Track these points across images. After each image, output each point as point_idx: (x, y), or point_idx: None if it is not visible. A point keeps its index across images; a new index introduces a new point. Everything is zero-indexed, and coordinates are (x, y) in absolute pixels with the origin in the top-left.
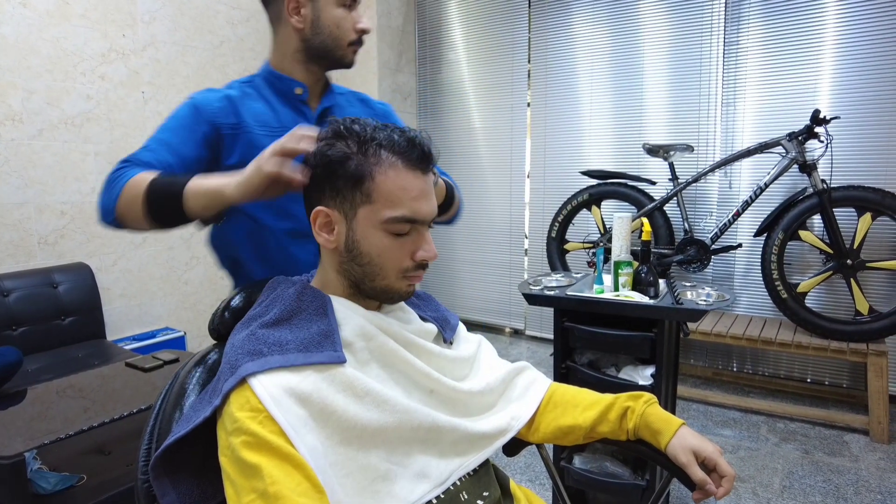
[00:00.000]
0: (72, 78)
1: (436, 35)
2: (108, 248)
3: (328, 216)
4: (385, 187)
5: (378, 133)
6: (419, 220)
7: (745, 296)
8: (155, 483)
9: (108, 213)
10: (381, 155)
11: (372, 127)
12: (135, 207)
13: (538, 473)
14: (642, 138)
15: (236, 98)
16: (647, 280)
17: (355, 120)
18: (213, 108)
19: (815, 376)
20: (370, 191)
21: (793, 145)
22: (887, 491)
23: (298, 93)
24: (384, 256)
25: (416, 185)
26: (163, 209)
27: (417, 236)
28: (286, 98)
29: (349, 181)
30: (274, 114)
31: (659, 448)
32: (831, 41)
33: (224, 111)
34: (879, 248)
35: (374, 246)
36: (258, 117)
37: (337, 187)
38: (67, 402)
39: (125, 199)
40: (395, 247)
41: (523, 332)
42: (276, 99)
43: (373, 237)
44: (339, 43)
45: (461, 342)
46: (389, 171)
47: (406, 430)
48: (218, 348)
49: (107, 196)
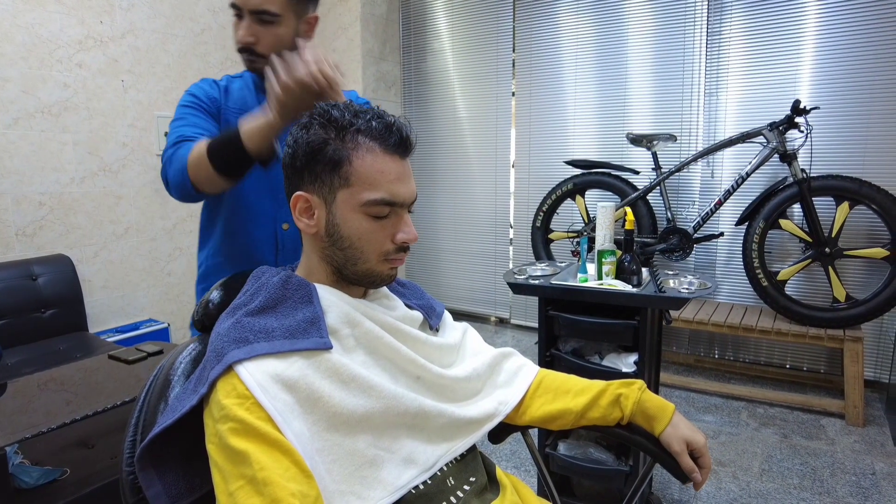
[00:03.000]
0: (48, 66)
1: (420, 23)
2: (89, 240)
3: (308, 201)
4: (363, 171)
5: (356, 119)
6: (398, 202)
7: (726, 284)
8: (140, 475)
9: (184, 179)
10: (359, 140)
11: (351, 112)
12: (203, 165)
13: (523, 460)
14: (626, 128)
15: (224, 85)
16: (631, 269)
17: (334, 105)
18: (208, 92)
19: (794, 362)
20: (348, 174)
21: (774, 135)
22: (861, 472)
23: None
24: (364, 239)
25: (393, 169)
26: (228, 158)
27: (397, 219)
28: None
29: (327, 165)
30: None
31: (652, 433)
32: (812, 33)
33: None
34: (856, 236)
35: (354, 229)
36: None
37: (315, 172)
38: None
39: (193, 163)
40: (376, 230)
41: (508, 320)
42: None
43: (353, 220)
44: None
45: (447, 329)
46: (367, 156)
47: (393, 416)
48: (202, 340)
49: (175, 167)
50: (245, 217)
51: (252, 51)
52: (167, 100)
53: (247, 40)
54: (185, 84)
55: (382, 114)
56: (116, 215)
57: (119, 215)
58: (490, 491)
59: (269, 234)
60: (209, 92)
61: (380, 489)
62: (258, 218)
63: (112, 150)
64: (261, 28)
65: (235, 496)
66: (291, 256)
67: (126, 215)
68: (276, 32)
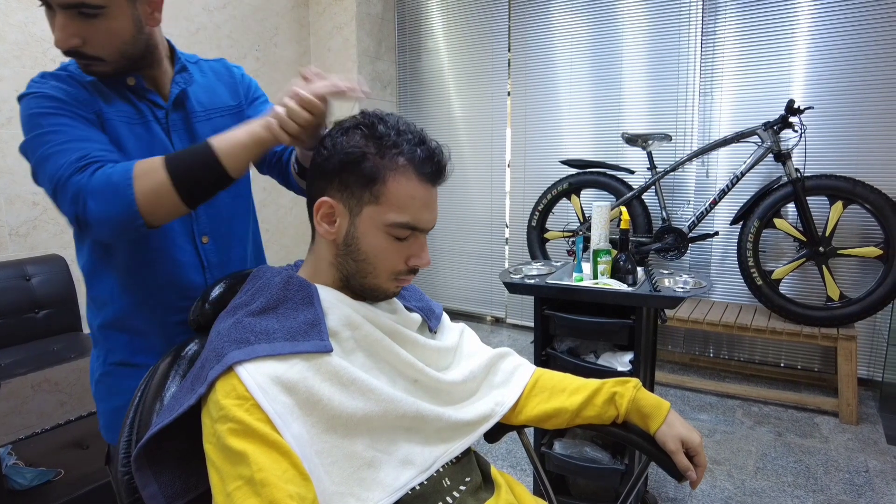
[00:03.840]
0: (41, 64)
1: (415, 23)
2: None
3: (332, 207)
4: (395, 193)
5: (400, 139)
6: (420, 227)
7: (721, 283)
8: (136, 475)
9: (129, 215)
10: (399, 161)
11: (396, 130)
12: (164, 193)
13: (519, 459)
14: (621, 128)
15: (87, 81)
16: (626, 268)
17: (381, 118)
18: (70, 92)
19: (789, 361)
20: (380, 193)
21: (768, 135)
22: (854, 470)
23: (130, 83)
24: (380, 257)
25: (423, 196)
26: (203, 183)
27: (415, 242)
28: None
29: (361, 179)
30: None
31: (647, 432)
32: (806, 33)
33: (84, 95)
34: (850, 235)
35: (372, 245)
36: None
37: (347, 182)
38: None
39: (146, 192)
40: (393, 249)
41: (504, 320)
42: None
43: (373, 237)
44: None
45: (445, 331)
46: (402, 179)
47: (391, 419)
48: (198, 339)
49: (116, 196)
50: (157, 239)
51: (82, 53)
52: None
53: (72, 43)
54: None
55: (426, 139)
56: None
57: None
58: (485, 490)
59: (190, 252)
60: (69, 91)
61: (378, 490)
62: (173, 237)
63: None
64: (84, 24)
65: (233, 496)
66: (219, 272)
67: None
68: (106, 28)
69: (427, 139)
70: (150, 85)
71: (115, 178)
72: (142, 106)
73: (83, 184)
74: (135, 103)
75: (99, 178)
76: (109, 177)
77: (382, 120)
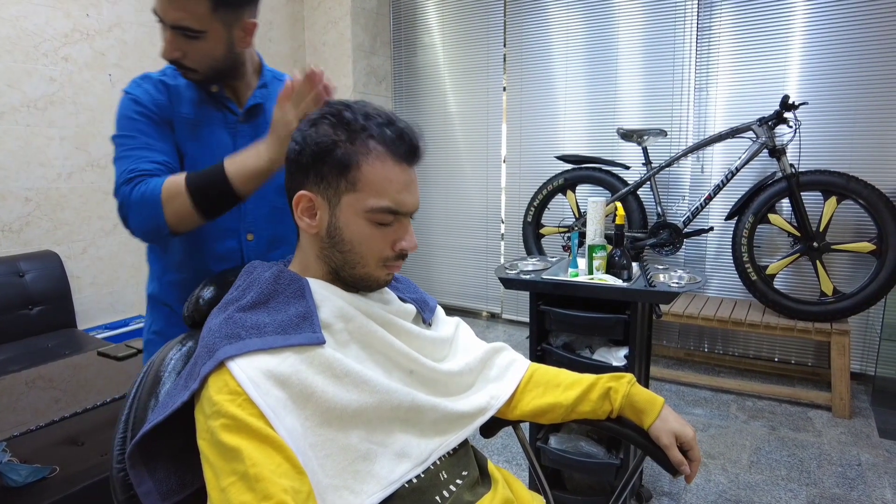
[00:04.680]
0: (33, 59)
1: (411, 17)
2: (77, 236)
3: (311, 201)
4: (371, 177)
5: (368, 122)
6: (402, 211)
7: (716, 278)
8: (131, 472)
9: (162, 227)
10: (370, 145)
11: (363, 114)
12: (185, 211)
13: (515, 454)
14: (616, 123)
15: (171, 84)
16: (621, 263)
17: (347, 105)
18: (153, 96)
19: (783, 355)
20: (356, 179)
21: (763, 130)
22: (847, 463)
23: (213, 90)
24: (365, 245)
25: (401, 178)
26: (214, 202)
27: (399, 227)
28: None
29: (335, 168)
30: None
31: (641, 427)
32: (800, 29)
33: (163, 98)
34: (844, 230)
35: (355, 234)
36: (194, 109)
37: (322, 173)
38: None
39: (172, 209)
40: (377, 236)
41: (500, 315)
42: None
43: (355, 225)
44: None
45: (440, 324)
46: (376, 162)
47: (386, 410)
48: (193, 335)
49: (149, 214)
50: (204, 232)
51: (181, 64)
52: None
53: (173, 55)
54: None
55: (394, 119)
56: (105, 211)
57: (107, 211)
58: (482, 485)
59: (234, 248)
60: (155, 96)
61: (373, 483)
62: (219, 232)
63: (100, 146)
64: (186, 42)
65: (227, 492)
66: None
67: (114, 211)
68: (202, 48)
69: (396, 120)
70: (230, 94)
71: (149, 199)
72: (217, 112)
73: (126, 196)
74: (212, 109)
75: (136, 196)
76: (144, 196)
77: (349, 107)
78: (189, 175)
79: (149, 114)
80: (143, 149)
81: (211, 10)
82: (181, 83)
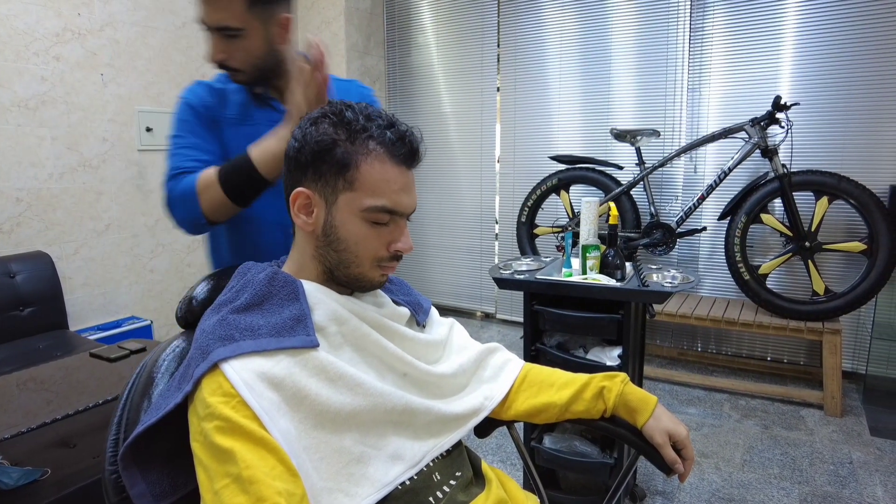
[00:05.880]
0: (24, 58)
1: (405, 18)
2: (69, 237)
3: (308, 198)
4: (369, 177)
5: (370, 123)
6: (399, 211)
7: (709, 278)
8: (124, 474)
9: (199, 218)
10: (370, 146)
11: (364, 115)
12: (218, 200)
13: (509, 454)
14: (610, 123)
15: (220, 89)
16: (615, 263)
17: (349, 105)
18: (203, 99)
19: (775, 355)
20: (354, 179)
21: (755, 131)
22: (839, 461)
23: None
24: (361, 245)
25: (399, 179)
26: (244, 187)
27: (395, 228)
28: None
29: (334, 167)
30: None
31: (635, 426)
32: (793, 30)
33: (212, 102)
34: (835, 230)
35: (351, 233)
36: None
37: (321, 171)
38: (29, 394)
39: (206, 199)
40: (373, 236)
41: (494, 315)
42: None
43: (351, 224)
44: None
45: (434, 326)
46: (375, 163)
47: (380, 413)
48: (186, 336)
49: (188, 206)
50: (250, 223)
51: (227, 66)
52: (148, 94)
53: (218, 58)
54: (166, 78)
55: (395, 121)
56: (97, 211)
57: (99, 211)
58: (476, 485)
59: (278, 241)
60: (205, 99)
61: (367, 486)
62: (263, 226)
63: (92, 146)
64: (228, 43)
65: (220, 494)
66: None
67: (107, 211)
68: (244, 46)
69: (397, 122)
70: (274, 94)
71: (187, 192)
72: (260, 111)
73: (170, 191)
74: (257, 109)
75: (178, 191)
76: (183, 190)
77: (350, 107)
78: (221, 166)
79: (198, 115)
80: (189, 148)
81: (247, 7)
82: (230, 87)
